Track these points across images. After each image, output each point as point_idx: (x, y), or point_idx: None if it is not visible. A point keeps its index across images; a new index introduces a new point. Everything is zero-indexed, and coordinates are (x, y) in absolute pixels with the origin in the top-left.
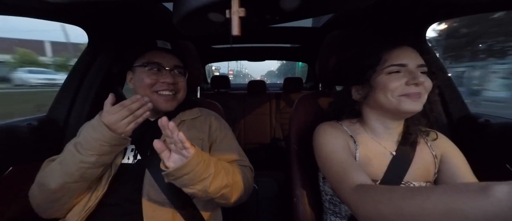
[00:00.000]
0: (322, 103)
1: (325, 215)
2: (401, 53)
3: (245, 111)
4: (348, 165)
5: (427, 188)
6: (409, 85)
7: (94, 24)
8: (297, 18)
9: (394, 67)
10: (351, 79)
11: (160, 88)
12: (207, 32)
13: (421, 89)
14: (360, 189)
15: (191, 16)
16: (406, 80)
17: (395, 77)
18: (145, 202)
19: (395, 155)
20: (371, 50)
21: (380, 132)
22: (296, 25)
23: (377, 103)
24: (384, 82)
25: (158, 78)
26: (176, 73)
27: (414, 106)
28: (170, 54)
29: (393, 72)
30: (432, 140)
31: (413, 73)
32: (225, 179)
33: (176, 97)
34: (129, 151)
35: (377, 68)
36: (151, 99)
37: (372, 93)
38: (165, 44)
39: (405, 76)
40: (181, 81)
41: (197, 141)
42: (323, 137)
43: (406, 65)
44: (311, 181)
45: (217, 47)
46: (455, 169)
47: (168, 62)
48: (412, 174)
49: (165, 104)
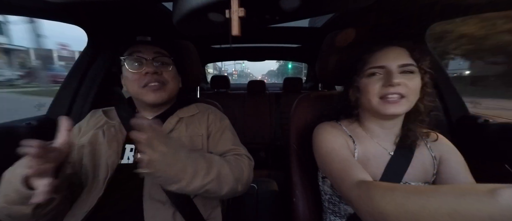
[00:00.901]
0: (321, 104)
1: (325, 215)
2: (381, 55)
3: (245, 111)
4: (348, 162)
5: (431, 187)
6: (386, 87)
7: (94, 24)
8: (297, 18)
9: (372, 70)
10: (346, 82)
11: (146, 81)
12: (207, 32)
13: (399, 89)
14: (362, 185)
15: (191, 16)
16: (383, 82)
17: (373, 80)
18: (146, 201)
19: (393, 155)
20: (355, 53)
21: (377, 132)
22: (296, 25)
23: (364, 106)
24: (364, 85)
25: (141, 71)
26: (159, 64)
27: (394, 109)
28: (150, 45)
29: (371, 75)
30: (432, 141)
31: (390, 75)
32: (207, 177)
33: (165, 88)
34: (128, 151)
35: (359, 72)
36: (140, 94)
37: (359, 96)
38: (145, 37)
39: (382, 78)
40: (167, 70)
41: (196, 137)
42: (323, 135)
43: (384, 67)
44: (311, 180)
45: (217, 47)
46: (454, 171)
47: (148, 52)
48: (411, 174)
49: (152, 95)
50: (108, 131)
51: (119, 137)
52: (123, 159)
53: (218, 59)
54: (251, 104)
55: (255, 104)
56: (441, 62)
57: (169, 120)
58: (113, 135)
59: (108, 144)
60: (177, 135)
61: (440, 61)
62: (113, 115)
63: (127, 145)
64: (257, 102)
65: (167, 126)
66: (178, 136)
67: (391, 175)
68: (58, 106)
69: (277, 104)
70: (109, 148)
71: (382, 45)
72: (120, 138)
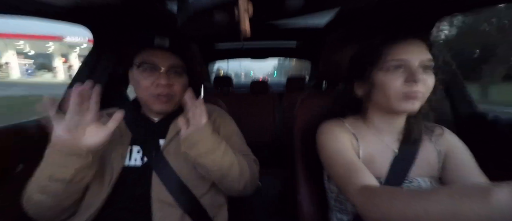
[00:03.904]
0: (325, 102)
1: (331, 212)
2: (402, 48)
3: (248, 110)
4: (352, 165)
5: (431, 191)
6: (409, 83)
7: (100, 25)
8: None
9: (393, 63)
10: (353, 75)
11: (157, 91)
12: (212, 32)
13: (420, 87)
14: (365, 191)
15: (196, 18)
16: (405, 78)
17: (394, 75)
18: (155, 203)
19: (397, 152)
20: (371, 45)
21: (383, 128)
22: (299, 23)
23: (377, 101)
24: (383, 80)
25: (153, 79)
26: (172, 74)
27: (410, 106)
28: (167, 53)
29: (391, 69)
30: (437, 136)
31: (413, 70)
32: (234, 158)
33: (173, 99)
34: (135, 153)
35: (376, 65)
36: (147, 100)
37: (373, 91)
38: (163, 41)
39: (404, 74)
40: (178, 82)
41: None
42: (327, 137)
43: (406, 61)
44: (315, 179)
45: (220, 46)
46: (460, 165)
47: (164, 62)
48: (416, 170)
49: (159, 106)
50: (113, 133)
51: (124, 139)
52: (130, 161)
53: (220, 58)
54: (254, 103)
55: (258, 103)
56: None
57: (175, 122)
58: (118, 136)
59: (113, 146)
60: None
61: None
62: None
63: (134, 146)
64: (260, 101)
65: (174, 128)
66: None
67: (396, 172)
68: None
69: (280, 103)
70: (114, 150)
71: (402, 37)
72: (125, 140)
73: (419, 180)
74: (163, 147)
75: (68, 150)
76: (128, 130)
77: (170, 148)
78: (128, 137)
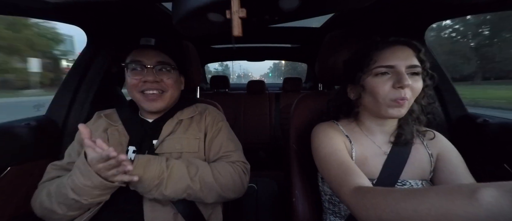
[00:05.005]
0: (321, 104)
1: (325, 215)
2: (390, 54)
3: (245, 111)
4: (345, 167)
5: (421, 190)
6: (396, 89)
7: (93, 24)
8: (296, 18)
9: (381, 69)
10: (346, 79)
11: (144, 87)
12: (207, 32)
13: (407, 92)
14: (358, 192)
15: (190, 17)
16: (393, 83)
17: (382, 80)
18: (146, 202)
19: (389, 154)
20: (362, 50)
21: (375, 130)
22: (295, 25)
23: (367, 105)
24: (371, 85)
25: (141, 77)
26: (160, 71)
27: (396, 113)
28: (155, 51)
29: (379, 74)
30: (429, 139)
31: (400, 75)
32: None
33: (163, 96)
34: (130, 153)
35: (366, 69)
36: (137, 99)
37: (364, 95)
38: (148, 40)
39: (391, 79)
40: (167, 78)
41: (193, 140)
42: (320, 138)
43: (394, 67)
44: (311, 180)
45: (217, 47)
46: (452, 168)
47: (150, 59)
48: (408, 172)
49: (149, 104)
50: (112, 135)
51: (123, 140)
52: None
53: (217, 59)
54: (251, 104)
55: (255, 104)
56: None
57: (168, 122)
58: (117, 138)
59: (113, 147)
60: (175, 137)
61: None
62: (115, 118)
63: (130, 147)
64: (257, 102)
65: (167, 129)
66: (177, 137)
67: (388, 174)
68: (57, 106)
69: (276, 104)
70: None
71: (390, 43)
72: (124, 141)
73: (411, 182)
74: (155, 147)
75: (103, 185)
76: (126, 131)
77: (162, 148)
78: (126, 138)
